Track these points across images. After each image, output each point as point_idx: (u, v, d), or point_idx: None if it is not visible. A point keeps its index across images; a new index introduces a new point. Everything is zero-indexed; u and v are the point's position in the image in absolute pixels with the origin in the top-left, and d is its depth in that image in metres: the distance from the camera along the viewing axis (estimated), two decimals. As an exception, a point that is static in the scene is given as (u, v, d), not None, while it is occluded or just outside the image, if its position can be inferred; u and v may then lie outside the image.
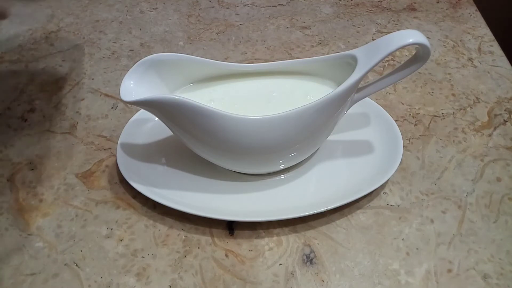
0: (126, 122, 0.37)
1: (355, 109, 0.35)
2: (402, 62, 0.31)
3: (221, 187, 0.34)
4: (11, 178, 0.36)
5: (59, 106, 0.42)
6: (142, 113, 0.38)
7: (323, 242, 0.32)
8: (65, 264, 0.30)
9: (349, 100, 0.31)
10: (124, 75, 0.29)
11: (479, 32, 0.50)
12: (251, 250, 0.31)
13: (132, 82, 0.29)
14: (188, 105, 0.27)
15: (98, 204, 0.34)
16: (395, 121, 0.37)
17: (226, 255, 0.31)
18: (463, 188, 0.35)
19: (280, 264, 0.30)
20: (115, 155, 0.36)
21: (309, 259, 0.31)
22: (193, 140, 0.31)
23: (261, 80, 0.34)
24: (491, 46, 0.48)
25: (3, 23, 0.51)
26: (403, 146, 0.35)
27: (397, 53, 0.47)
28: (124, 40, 0.49)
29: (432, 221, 0.33)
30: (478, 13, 0.53)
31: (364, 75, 0.29)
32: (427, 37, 0.28)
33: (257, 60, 0.47)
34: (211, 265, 0.30)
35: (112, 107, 0.41)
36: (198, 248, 0.31)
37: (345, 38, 0.49)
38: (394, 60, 0.47)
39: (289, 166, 0.34)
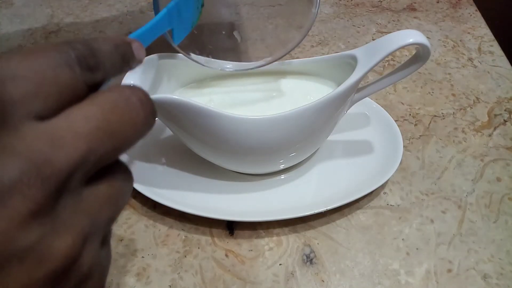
0: (126, 122, 0.37)
1: (355, 109, 0.35)
2: (402, 62, 0.31)
3: (221, 187, 0.34)
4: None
5: (59, 106, 0.42)
6: (142, 113, 0.38)
7: (323, 242, 0.32)
8: (65, 264, 0.30)
9: (349, 100, 0.31)
10: (124, 75, 0.29)
11: (479, 32, 0.50)
12: (251, 250, 0.31)
13: (132, 82, 0.29)
14: (188, 105, 0.27)
15: (98, 204, 0.34)
16: (395, 121, 0.37)
17: (226, 255, 0.31)
18: (463, 188, 0.35)
19: (280, 264, 0.30)
20: (115, 155, 0.36)
21: (309, 259, 0.31)
22: (193, 140, 0.31)
23: (261, 80, 0.34)
24: (491, 46, 0.48)
25: (3, 23, 0.51)
26: (403, 146, 0.35)
27: (397, 53, 0.47)
28: (124, 40, 0.49)
29: (432, 221, 0.33)
30: (478, 13, 0.53)
31: (364, 75, 0.29)
32: (427, 37, 0.28)
33: (257, 60, 0.47)
34: (211, 265, 0.30)
35: (112, 107, 0.41)
36: (198, 248, 0.31)
37: (345, 38, 0.49)
38: (394, 60, 0.47)
39: (289, 166, 0.34)
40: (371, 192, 0.33)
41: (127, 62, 0.16)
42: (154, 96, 0.27)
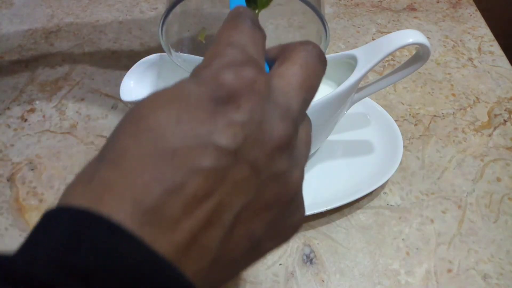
0: (126, 122, 0.37)
1: (355, 109, 0.35)
2: (402, 62, 0.31)
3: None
4: (11, 178, 0.36)
5: (59, 106, 0.42)
6: (142, 113, 0.38)
7: (323, 242, 0.32)
8: (65, 264, 0.30)
9: (349, 100, 0.31)
10: (124, 75, 0.29)
11: (479, 32, 0.50)
12: (251, 250, 0.31)
13: (132, 82, 0.29)
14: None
15: (98, 204, 0.34)
16: (395, 121, 0.37)
17: (226, 255, 0.31)
18: (463, 188, 0.35)
19: (280, 264, 0.30)
20: (115, 155, 0.36)
21: (309, 259, 0.31)
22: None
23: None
24: (491, 46, 0.48)
25: (3, 23, 0.51)
26: (403, 146, 0.35)
27: (397, 53, 0.47)
28: (124, 40, 0.49)
29: (432, 221, 0.33)
30: (478, 13, 0.53)
31: (364, 75, 0.29)
32: (427, 37, 0.28)
33: (257, 60, 0.47)
34: (211, 265, 0.30)
35: (112, 107, 0.41)
36: (198, 248, 0.31)
37: (345, 38, 0.49)
38: (394, 60, 0.47)
39: (289, 166, 0.34)
40: (371, 192, 0.33)
41: None
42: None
